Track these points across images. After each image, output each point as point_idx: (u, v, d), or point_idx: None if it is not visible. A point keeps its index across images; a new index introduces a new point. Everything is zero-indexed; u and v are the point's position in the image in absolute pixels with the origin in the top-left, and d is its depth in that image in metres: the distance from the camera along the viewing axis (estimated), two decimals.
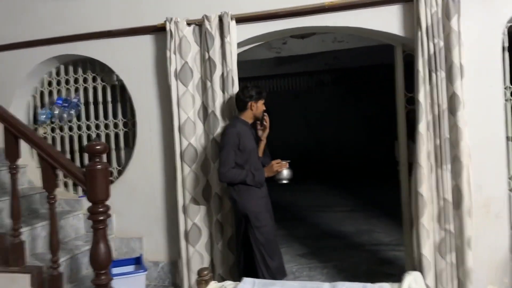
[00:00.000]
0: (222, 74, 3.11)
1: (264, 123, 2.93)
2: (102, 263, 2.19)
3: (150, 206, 3.44)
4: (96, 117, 3.74)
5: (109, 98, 3.70)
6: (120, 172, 3.64)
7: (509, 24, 2.77)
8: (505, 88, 2.79)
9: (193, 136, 3.17)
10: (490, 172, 2.77)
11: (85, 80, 3.76)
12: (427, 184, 2.79)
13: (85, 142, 3.75)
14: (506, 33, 2.77)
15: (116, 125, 3.71)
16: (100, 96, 3.72)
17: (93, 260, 2.19)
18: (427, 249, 2.79)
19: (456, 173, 2.73)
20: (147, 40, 3.36)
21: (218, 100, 3.10)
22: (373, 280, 3.74)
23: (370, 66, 8.61)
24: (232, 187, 2.78)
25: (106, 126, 3.73)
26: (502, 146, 2.77)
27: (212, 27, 3.09)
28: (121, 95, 3.67)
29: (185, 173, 3.17)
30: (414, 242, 2.86)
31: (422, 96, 2.77)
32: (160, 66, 3.33)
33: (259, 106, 2.86)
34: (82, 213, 3.54)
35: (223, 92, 3.12)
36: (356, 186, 8.24)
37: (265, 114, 2.92)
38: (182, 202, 3.19)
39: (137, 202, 3.47)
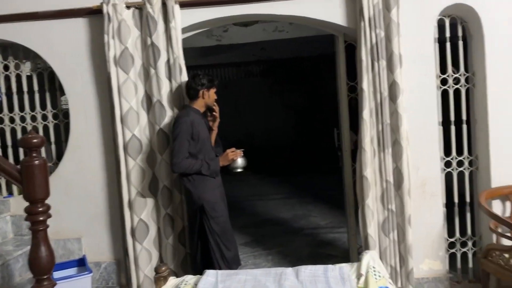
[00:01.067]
0: (168, 61, 2.97)
1: (214, 113, 2.87)
2: (44, 268, 1.99)
3: (89, 204, 3.20)
4: (21, 109, 3.36)
5: (35, 87, 3.34)
6: (51, 169, 3.32)
7: (439, 17, 3.01)
8: (436, 77, 3.04)
9: (136, 127, 2.99)
10: (426, 155, 3.01)
11: (6, 68, 3.35)
12: (371, 167, 2.95)
13: (8, 136, 3.36)
14: (436, 25, 3.01)
15: (44, 117, 3.37)
16: (25, 85, 3.34)
17: (34, 265, 1.98)
18: (372, 229, 2.95)
19: (397, 156, 2.92)
20: (80, 24, 3.08)
21: (164, 89, 2.96)
22: (317, 262, 3.90)
23: (295, 58, 8.87)
24: (186, 178, 2.69)
25: (33, 118, 3.37)
26: (435, 130, 3.02)
27: (155, 11, 2.93)
28: (49, 83, 3.34)
29: (130, 166, 2.99)
30: (360, 222, 3.01)
31: (366, 84, 2.91)
32: (97, 52, 3.08)
33: (211, 95, 2.80)
34: (9, 215, 3.19)
35: (170, 80, 2.98)
36: (288, 174, 8.48)
37: (215, 103, 2.87)
38: (128, 197, 3.01)
39: (74, 199, 3.20)
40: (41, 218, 1.99)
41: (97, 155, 3.17)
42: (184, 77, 2.95)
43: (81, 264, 3.00)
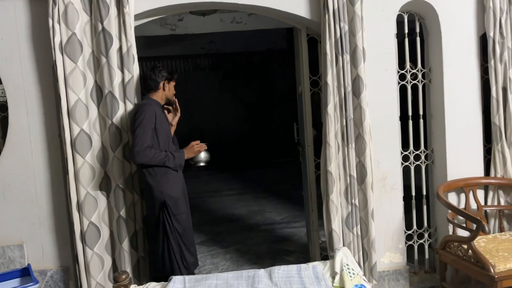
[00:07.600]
0: (120, 49, 2.73)
1: (175, 106, 2.72)
2: None
3: (32, 206, 2.87)
4: None
5: None
6: None
7: (399, 13, 3.04)
8: (396, 72, 3.07)
9: (85, 121, 2.73)
10: (386, 149, 3.03)
11: None
12: (335, 162, 2.92)
13: None
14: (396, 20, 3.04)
15: None
16: None
17: None
18: (336, 224, 2.93)
19: (360, 151, 2.92)
20: (21, 5, 2.75)
21: (116, 79, 2.72)
22: (276, 258, 3.86)
23: (244, 52, 8.79)
24: (147, 170, 2.50)
25: None
26: (396, 125, 3.05)
27: None
28: None
29: (78, 164, 2.72)
30: (324, 217, 2.98)
31: (330, 78, 2.87)
32: (40, 38, 2.76)
33: (171, 87, 2.69)
34: None
35: (122, 70, 2.74)
36: (240, 170, 8.39)
37: (175, 98, 2.73)
38: (76, 198, 2.74)
39: (14, 202, 2.85)
40: None
41: (40, 152, 2.85)
42: (137, 67, 2.75)
43: (25, 274, 2.69)
